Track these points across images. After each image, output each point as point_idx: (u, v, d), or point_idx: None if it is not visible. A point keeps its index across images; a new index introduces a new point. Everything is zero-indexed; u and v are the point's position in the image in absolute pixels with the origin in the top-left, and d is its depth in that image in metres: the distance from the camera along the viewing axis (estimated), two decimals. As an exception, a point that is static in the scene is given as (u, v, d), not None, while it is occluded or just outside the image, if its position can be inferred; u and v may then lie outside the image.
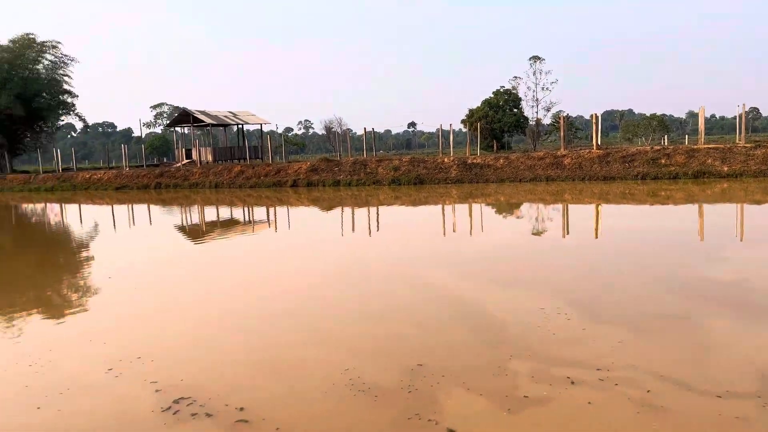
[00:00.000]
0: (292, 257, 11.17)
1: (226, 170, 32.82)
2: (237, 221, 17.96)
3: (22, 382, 4.93)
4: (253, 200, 24.29)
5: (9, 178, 40.12)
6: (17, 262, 12.86)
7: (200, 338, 6.04)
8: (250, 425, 4.02)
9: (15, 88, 45.69)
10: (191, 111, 42.18)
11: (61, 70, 50.24)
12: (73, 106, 51.97)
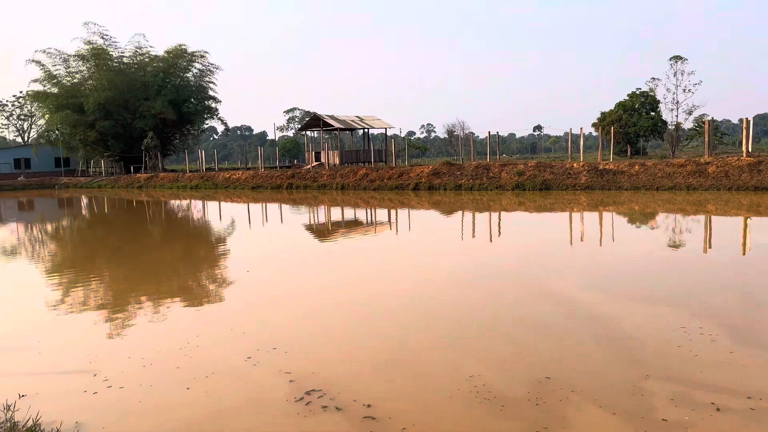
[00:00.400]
0: (414, 260, 11.30)
1: (351, 173, 33.90)
2: (360, 222, 18.50)
3: (174, 364, 5.44)
4: (376, 202, 24.88)
5: (161, 176, 44.29)
6: (164, 252, 14.18)
7: (331, 334, 6.31)
8: (377, 423, 4.13)
9: (168, 95, 50.47)
10: (321, 116, 44.06)
11: (207, 78, 54.79)
12: (216, 110, 56.44)
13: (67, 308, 8.25)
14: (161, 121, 50.07)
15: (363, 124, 45.46)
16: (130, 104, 49.76)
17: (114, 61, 51.63)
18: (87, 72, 51.91)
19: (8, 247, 15.90)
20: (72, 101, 49.95)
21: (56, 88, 51.93)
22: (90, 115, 48.85)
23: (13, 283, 10.64)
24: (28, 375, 5.31)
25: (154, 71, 52.66)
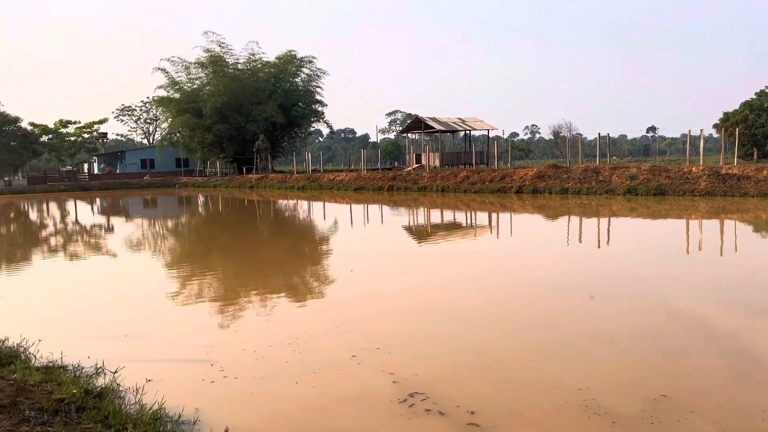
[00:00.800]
0: (517, 265, 11.05)
1: (452, 175, 33.74)
2: (460, 225, 18.36)
3: (284, 358, 5.68)
4: (477, 205, 24.58)
5: (270, 177, 46.40)
6: (271, 250, 14.83)
7: (435, 337, 6.32)
8: (481, 430, 4.08)
9: (278, 99, 52.79)
10: (423, 118, 44.23)
11: (314, 82, 56.67)
12: (322, 114, 58.28)
13: (184, 299, 8.87)
14: (271, 124, 52.42)
15: (465, 125, 45.11)
16: (244, 108, 52.52)
17: (229, 68, 54.72)
18: (205, 78, 55.42)
19: (134, 241, 17.32)
20: (192, 106, 53.53)
21: (178, 93, 55.87)
22: (207, 119, 52.11)
23: (137, 275, 11.58)
24: (153, 361, 5.75)
25: (265, 77, 55.26)
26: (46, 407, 4.01)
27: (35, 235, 20.54)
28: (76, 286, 10.50)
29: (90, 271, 12.27)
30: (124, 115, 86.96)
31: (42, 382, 4.57)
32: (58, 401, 4.17)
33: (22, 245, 17.52)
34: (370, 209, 25.43)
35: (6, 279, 11.47)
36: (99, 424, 3.91)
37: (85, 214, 29.92)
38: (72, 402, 4.21)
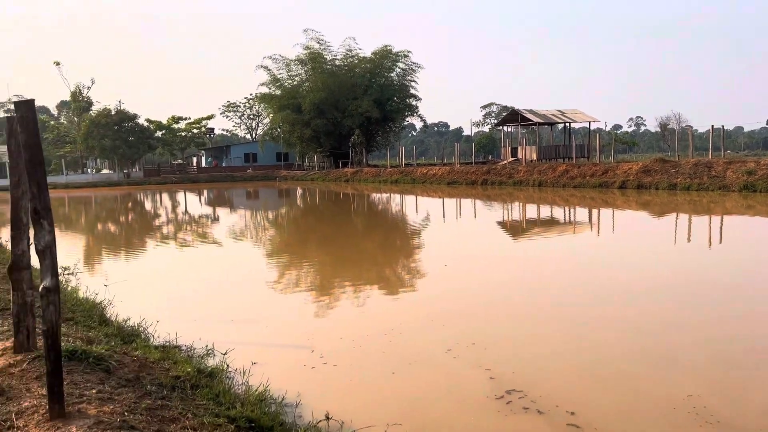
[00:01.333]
0: (618, 264, 10.56)
1: (550, 169, 32.75)
2: (557, 221, 17.80)
3: (380, 348, 5.80)
4: (576, 200, 23.71)
5: (365, 171, 47.21)
6: (365, 242, 15.09)
7: (533, 335, 6.20)
8: (581, 431, 3.97)
9: (374, 94, 53.51)
10: (520, 110, 43.23)
11: (409, 77, 56.89)
12: (416, 108, 58.42)
13: (284, 288, 9.26)
14: (366, 119, 53.26)
15: (564, 118, 43.61)
16: (340, 104, 53.71)
17: (327, 64, 56.12)
18: (305, 75, 57.18)
19: (237, 231, 18.26)
20: (291, 102, 55.45)
21: (279, 90, 58.05)
22: (306, 115, 53.78)
23: (241, 263, 12.19)
24: (258, 345, 6.06)
25: (361, 72, 56.17)
26: (165, 383, 4.34)
27: (150, 223, 22.17)
28: (187, 272, 11.24)
29: (199, 259, 13.08)
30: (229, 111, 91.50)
31: (160, 360, 4.95)
32: (174, 378, 4.50)
33: (139, 233, 18.96)
34: (463, 204, 25.23)
35: (127, 264, 12.48)
36: (211, 401, 4.18)
37: (194, 205, 31.87)
38: (187, 379, 4.53)
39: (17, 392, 3.65)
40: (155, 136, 65.95)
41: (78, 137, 62.83)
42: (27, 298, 4.24)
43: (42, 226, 3.36)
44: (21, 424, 3.21)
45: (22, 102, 3.39)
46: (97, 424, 3.23)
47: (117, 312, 6.87)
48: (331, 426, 4.10)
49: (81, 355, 4.28)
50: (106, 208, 31.40)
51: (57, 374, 3.22)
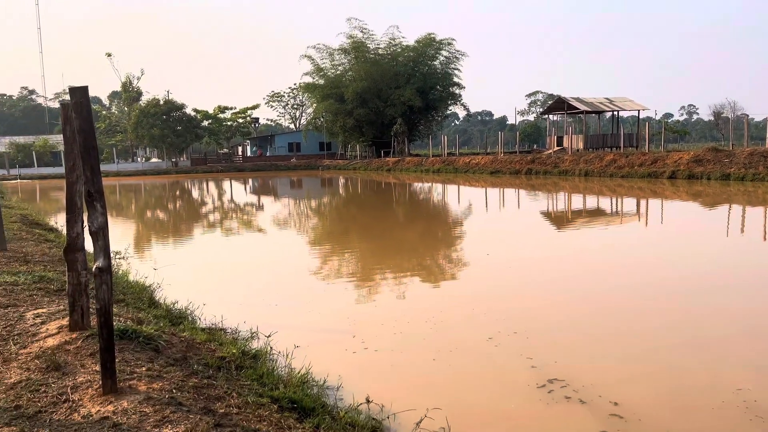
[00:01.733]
0: (668, 255, 10.26)
1: (597, 158, 32.00)
2: (603, 211, 17.39)
3: (421, 335, 5.82)
4: (624, 191, 23.10)
5: (407, 161, 47.12)
6: (406, 231, 15.08)
7: (575, 326, 6.11)
8: (625, 422, 3.90)
9: (416, 83, 53.22)
10: (566, 98, 42.30)
11: (452, 65, 56.30)
12: (459, 96, 57.81)
13: (326, 275, 9.36)
14: (409, 108, 53.05)
15: (612, 106, 42.47)
16: (383, 93, 53.64)
17: (370, 53, 56.06)
18: (348, 64, 57.28)
19: (281, 219, 18.52)
20: (334, 91, 55.68)
21: (322, 80, 58.35)
22: (349, 104, 53.95)
23: (284, 250, 12.38)
24: (301, 329, 6.16)
25: (404, 60, 55.91)
26: (211, 363, 4.47)
27: (197, 211, 22.72)
28: (232, 258, 11.48)
29: (244, 246, 13.34)
30: (273, 101, 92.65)
31: (206, 341, 5.09)
32: (220, 359, 4.63)
33: (187, 220, 19.46)
34: (507, 193, 24.93)
35: (174, 249, 12.84)
36: (255, 382, 4.28)
37: (239, 194, 32.48)
38: (232, 360, 4.65)
39: (72, 368, 3.82)
40: (202, 126, 67.33)
41: (128, 126, 64.71)
42: (81, 279, 4.41)
43: (95, 209, 3.49)
44: (76, 398, 3.36)
45: (76, 88, 3.51)
46: (147, 399, 3.35)
47: (165, 295, 7.09)
48: (371, 409, 4.14)
49: (132, 335, 4.44)
50: (154, 195, 32.32)
51: (109, 351, 3.35)
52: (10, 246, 8.95)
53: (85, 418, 3.09)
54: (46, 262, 8.03)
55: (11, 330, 4.61)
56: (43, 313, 5.07)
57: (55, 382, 3.57)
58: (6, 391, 3.46)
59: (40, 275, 6.68)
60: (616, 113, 43.87)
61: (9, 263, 7.62)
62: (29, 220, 14.44)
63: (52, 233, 12.60)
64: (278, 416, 3.60)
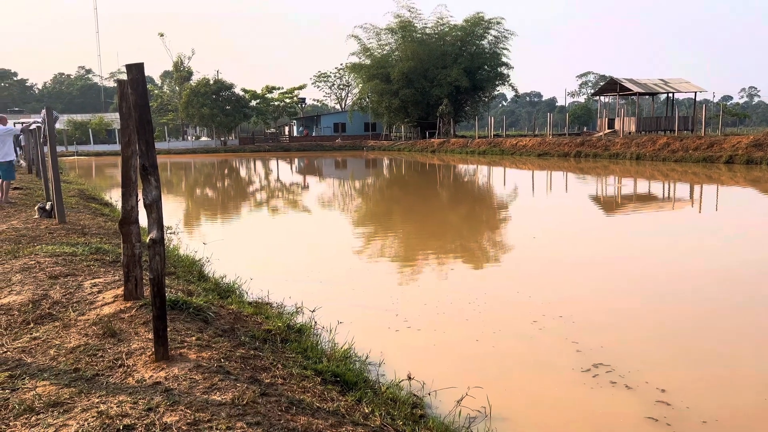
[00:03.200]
0: (721, 242, 9.89)
1: (649, 141, 30.99)
2: (655, 196, 16.87)
3: (464, 316, 5.81)
4: (677, 175, 22.34)
5: (452, 142, 46.73)
6: (450, 214, 14.99)
7: (622, 310, 5.99)
8: (672, 409, 3.82)
9: (463, 63, 52.46)
10: (618, 79, 40.98)
11: (501, 44, 55.19)
12: (508, 77, 56.70)
13: (369, 254, 9.42)
14: (455, 88, 52.40)
15: (667, 87, 40.90)
16: (429, 73, 53.11)
17: (417, 33, 55.48)
18: (395, 44, 56.89)
19: (325, 199, 18.70)
20: (380, 71, 55.46)
21: (369, 59, 58.17)
22: (394, 84, 53.67)
23: (328, 229, 12.51)
24: (344, 306, 6.24)
25: (452, 40, 55.12)
26: (257, 335, 4.58)
27: (245, 189, 23.16)
28: (278, 236, 11.69)
29: (290, 224, 13.55)
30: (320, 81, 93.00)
31: (253, 314, 5.21)
32: (266, 331, 4.74)
33: (234, 198, 19.87)
34: (554, 176, 24.45)
35: (222, 226, 13.15)
36: (299, 354, 4.37)
37: (285, 173, 32.90)
38: (277, 333, 4.75)
39: (127, 335, 3.98)
40: (250, 106, 68.26)
41: (179, 105, 66.18)
42: (135, 251, 4.57)
43: (149, 182, 3.60)
44: (130, 363, 3.51)
45: (133, 65, 3.61)
46: (197, 367, 3.47)
47: (214, 269, 7.28)
48: (412, 385, 4.18)
49: (182, 306, 4.59)
50: (204, 173, 33.08)
51: (162, 320, 3.48)
52: (68, 219, 9.34)
53: (139, 383, 3.22)
54: (102, 235, 8.35)
55: (70, 298, 4.83)
56: (100, 282, 5.29)
57: (110, 348, 3.73)
58: (66, 355, 3.64)
59: (97, 247, 6.95)
60: (671, 95, 42.27)
61: (68, 235, 7.97)
62: (86, 195, 15.02)
63: (106, 207, 13.09)
64: (321, 388, 3.67)
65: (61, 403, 2.96)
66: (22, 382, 3.22)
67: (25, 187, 15.03)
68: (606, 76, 77.97)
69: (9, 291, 5.04)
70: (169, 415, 2.82)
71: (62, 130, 62.08)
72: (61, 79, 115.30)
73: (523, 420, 3.83)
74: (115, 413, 2.81)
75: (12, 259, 6.25)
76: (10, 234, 7.92)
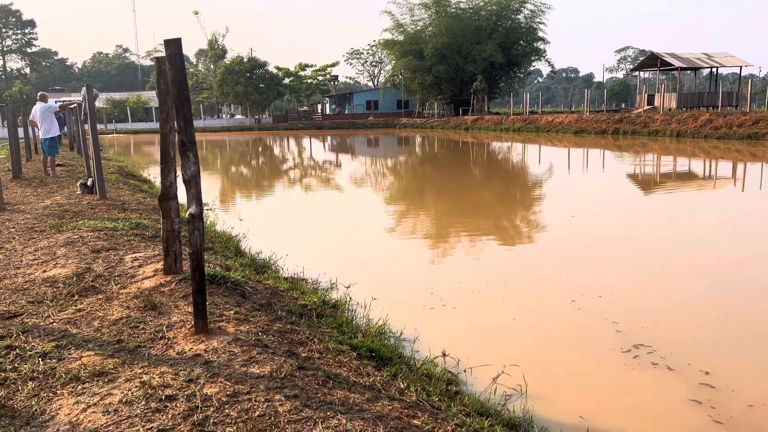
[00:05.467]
0: (765, 222, 9.56)
1: (691, 118, 30.02)
2: (695, 175, 16.36)
3: (501, 295, 5.75)
4: (720, 153, 21.61)
5: (486, 119, 46.10)
6: (483, 192, 14.82)
7: (663, 291, 5.85)
8: (716, 392, 3.72)
9: (498, 38, 51.44)
10: (659, 54, 39.68)
11: (537, 19, 53.87)
12: (544, 52, 55.42)
13: (401, 232, 9.39)
14: (490, 64, 51.49)
15: (710, 62, 39.46)
16: (463, 49, 52.25)
17: (452, 7, 54.53)
18: (428, 19, 56.06)
19: (358, 177, 18.69)
20: (414, 48, 54.80)
21: (402, 36, 57.50)
22: (428, 61, 53.01)
23: (361, 207, 12.51)
24: (378, 283, 6.24)
25: (487, 15, 54.01)
26: (293, 310, 4.62)
27: (279, 167, 23.31)
28: (313, 213, 11.75)
29: (323, 201, 13.61)
30: (352, 58, 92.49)
31: (289, 290, 5.26)
32: (302, 306, 4.77)
33: (269, 176, 20.03)
34: (591, 154, 23.93)
35: (257, 203, 13.28)
36: (335, 329, 4.39)
37: (318, 151, 33.00)
38: (313, 308, 4.79)
39: (167, 308, 4.06)
40: (283, 83, 68.40)
41: (214, 84, 66.73)
42: (174, 225, 4.63)
43: (188, 158, 3.62)
44: (171, 336, 3.57)
45: (171, 40, 3.61)
46: (235, 340, 3.51)
47: (250, 245, 7.36)
48: (447, 362, 4.16)
49: (220, 280, 4.64)
50: (238, 151, 33.42)
51: (201, 293, 3.52)
52: (109, 194, 9.54)
53: (180, 355, 3.28)
54: (141, 210, 8.51)
55: (112, 271, 4.94)
56: (140, 256, 5.40)
57: (151, 321, 3.81)
58: (109, 326, 3.73)
59: (137, 222, 7.09)
60: (714, 70, 40.78)
61: (109, 210, 8.15)
62: (125, 172, 15.33)
63: (145, 184, 13.34)
64: (357, 363, 3.68)
65: (105, 372, 3.04)
66: (68, 352, 3.31)
67: (67, 164, 15.41)
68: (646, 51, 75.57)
69: (54, 264, 5.18)
70: (209, 387, 2.86)
71: (101, 108, 63.33)
72: (99, 58, 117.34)
73: (560, 399, 3.78)
74: (157, 384, 2.87)
75: (56, 234, 6.42)
76: (54, 209, 8.14)
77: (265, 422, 2.56)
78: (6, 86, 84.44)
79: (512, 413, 3.46)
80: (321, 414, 2.68)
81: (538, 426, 3.38)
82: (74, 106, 14.70)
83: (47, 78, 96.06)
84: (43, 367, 3.13)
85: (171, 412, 2.62)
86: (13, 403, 2.79)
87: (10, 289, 4.50)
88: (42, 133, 12.13)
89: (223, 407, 2.66)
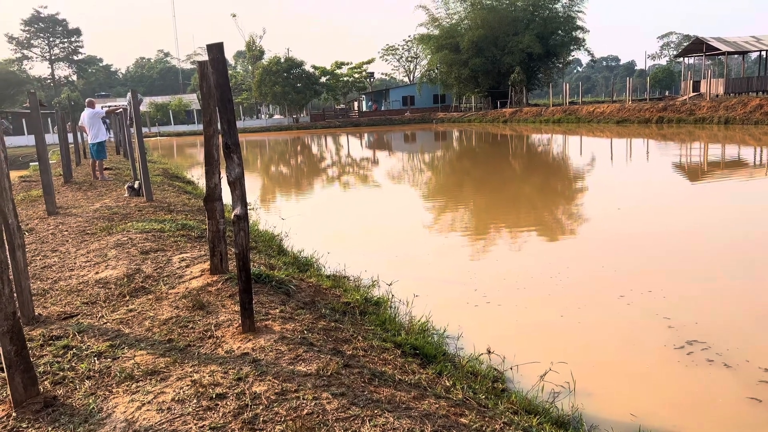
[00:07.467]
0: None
1: (739, 104, 28.92)
2: (745, 163, 15.76)
3: (546, 291, 5.66)
4: (773, 140, 20.76)
5: (524, 111, 45.41)
6: (524, 185, 14.61)
7: (716, 286, 5.65)
8: (777, 391, 3.58)
9: (536, 28, 50.55)
10: (705, 39, 38.30)
11: (576, 7, 52.69)
12: (583, 41, 54.15)
13: (441, 228, 9.34)
14: (527, 55, 50.68)
15: (760, 45, 37.88)
16: (500, 41, 51.56)
17: (487, 0, 53.91)
18: (463, 12, 55.52)
19: (395, 174, 18.68)
20: (449, 41, 54.36)
21: (437, 30, 57.12)
22: (464, 54, 52.51)
23: (400, 204, 12.49)
24: (420, 280, 6.23)
25: (524, 5, 53.15)
26: (337, 308, 4.65)
27: (318, 166, 23.51)
28: (353, 211, 11.81)
29: (363, 199, 13.65)
30: (388, 54, 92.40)
31: (332, 287, 5.29)
32: (345, 304, 4.80)
33: (308, 174, 20.21)
34: (634, 144, 23.32)
35: (298, 202, 13.42)
36: (378, 327, 4.40)
37: (356, 148, 33.12)
38: (356, 306, 4.81)
39: (214, 308, 4.13)
40: (320, 82, 68.87)
41: (252, 85, 67.65)
42: (220, 226, 4.72)
43: (232, 160, 3.67)
44: (219, 334, 3.64)
45: (213, 45, 3.66)
46: (282, 339, 3.55)
47: (292, 243, 7.44)
48: (492, 360, 4.12)
49: (265, 279, 4.71)
50: (278, 151, 33.82)
51: (248, 293, 3.57)
52: (155, 197, 9.79)
53: (228, 353, 3.34)
54: (187, 212, 8.71)
55: (161, 272, 5.07)
56: (187, 257, 5.51)
57: (200, 320, 3.89)
58: (160, 326, 3.82)
59: (183, 223, 7.25)
60: (763, 53, 39.12)
61: (155, 212, 8.36)
62: (169, 174, 15.71)
63: (189, 185, 13.64)
64: (402, 361, 3.68)
65: (157, 371, 3.11)
66: (121, 351, 3.41)
67: (114, 168, 15.88)
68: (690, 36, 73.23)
69: (106, 266, 5.34)
70: (258, 385, 2.90)
71: (145, 112, 64.97)
72: (142, 63, 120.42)
73: (610, 396, 3.70)
74: (207, 382, 2.93)
75: (107, 236, 6.62)
76: (103, 212, 8.40)
77: (314, 420, 2.58)
78: (55, 93, 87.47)
79: (561, 411, 3.40)
80: (368, 412, 2.69)
81: (588, 424, 3.32)
82: (120, 111, 15.13)
83: (93, 84, 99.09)
84: (99, 366, 3.23)
85: (222, 411, 2.66)
86: (71, 401, 2.88)
87: (65, 291, 4.67)
88: (90, 138, 12.52)
89: (272, 405, 2.70)
